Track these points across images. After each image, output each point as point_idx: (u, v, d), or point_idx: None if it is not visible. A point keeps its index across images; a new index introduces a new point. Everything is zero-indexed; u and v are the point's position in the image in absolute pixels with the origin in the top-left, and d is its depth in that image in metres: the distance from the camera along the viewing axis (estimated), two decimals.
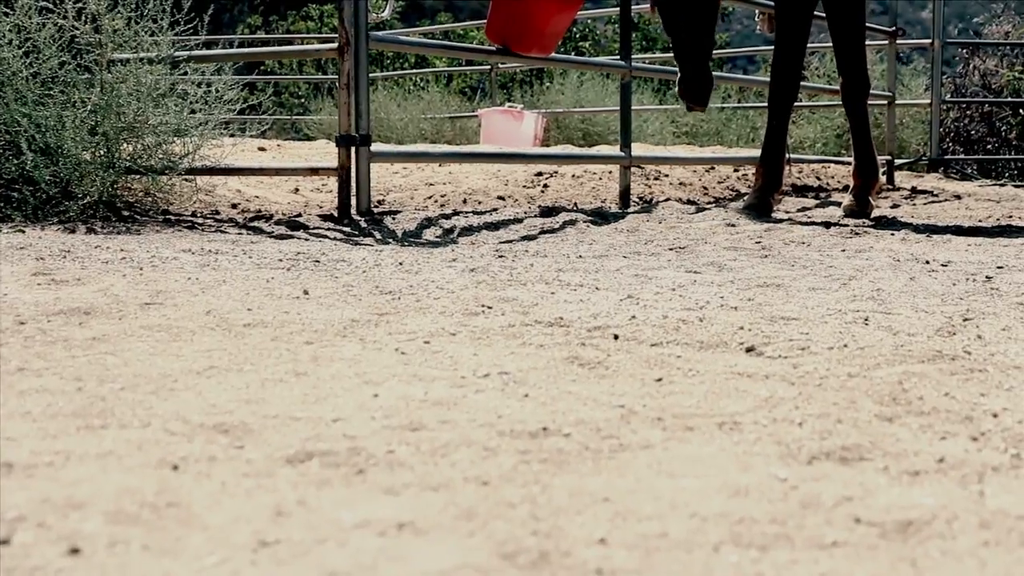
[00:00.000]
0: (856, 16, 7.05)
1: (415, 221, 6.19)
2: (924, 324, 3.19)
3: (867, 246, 5.26)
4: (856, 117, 7.05)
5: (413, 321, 3.22)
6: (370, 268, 4.29)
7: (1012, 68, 15.68)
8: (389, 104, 19.17)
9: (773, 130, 7.04)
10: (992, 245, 5.36)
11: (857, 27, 7.05)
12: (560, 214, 6.52)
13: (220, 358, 2.71)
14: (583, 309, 3.39)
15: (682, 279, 4.09)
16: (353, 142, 6.17)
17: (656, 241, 5.62)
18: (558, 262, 4.61)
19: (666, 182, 9.16)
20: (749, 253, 5.02)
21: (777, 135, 7.01)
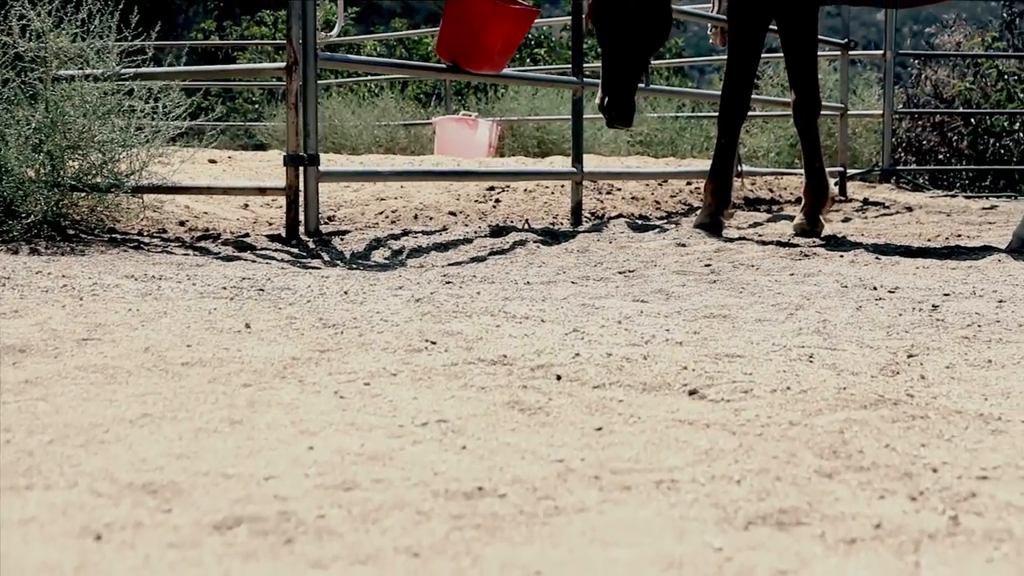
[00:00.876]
0: (809, 33, 7.05)
1: (364, 242, 6.14)
2: (868, 361, 3.17)
3: (816, 270, 5.26)
4: (807, 135, 7.06)
5: (355, 359, 3.18)
6: (315, 297, 4.24)
7: (963, 79, 15.78)
8: (343, 111, 19.08)
9: (722, 148, 7.04)
10: (940, 268, 5.36)
11: (810, 44, 7.05)
12: (510, 234, 6.49)
13: (155, 404, 2.66)
14: (527, 345, 3.36)
15: (629, 309, 4.06)
16: (301, 162, 6.12)
17: (605, 263, 5.60)
18: (505, 289, 4.58)
19: (618, 196, 9.15)
20: (698, 278, 5.01)
21: (726, 153, 7.01)
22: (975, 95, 15.78)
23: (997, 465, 2.21)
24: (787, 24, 7.08)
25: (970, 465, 2.21)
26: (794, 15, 7.02)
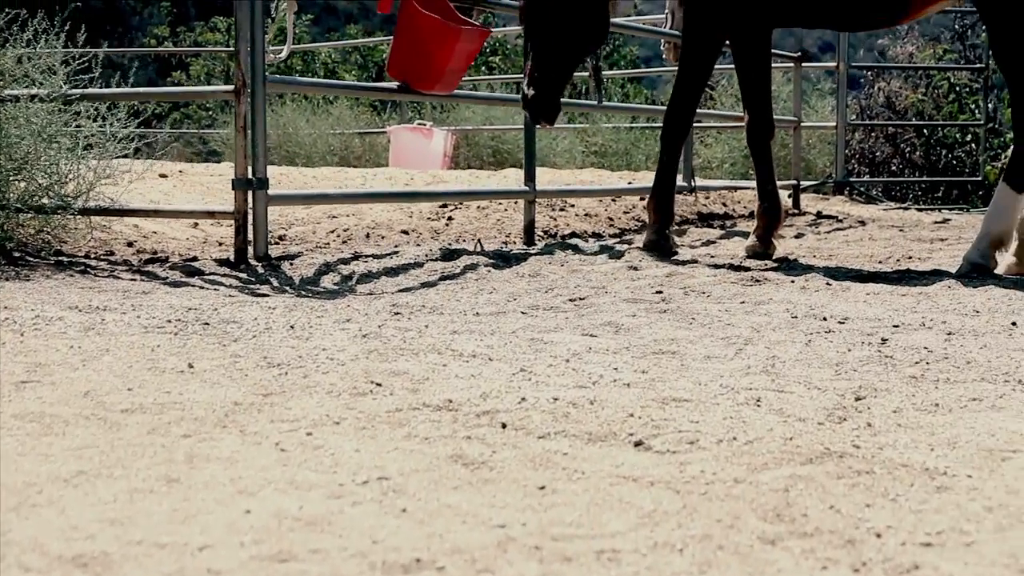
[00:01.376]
0: (763, 54, 7.04)
1: (313, 267, 6.09)
2: (816, 405, 3.16)
3: (766, 297, 5.24)
4: (761, 156, 7.05)
5: (298, 404, 3.14)
6: (260, 332, 4.19)
7: (916, 90, 15.86)
8: (297, 119, 18.99)
9: (664, 166, 7.02)
10: (891, 295, 5.36)
11: (764, 65, 7.05)
12: (461, 257, 6.45)
13: (91, 459, 2.61)
14: (473, 388, 3.33)
15: (577, 345, 4.04)
16: (250, 186, 6.07)
17: (556, 289, 5.57)
18: (454, 321, 4.54)
19: (572, 213, 9.13)
20: (648, 307, 4.98)
21: (668, 170, 7.00)
22: (928, 106, 15.87)
23: (941, 530, 2.19)
24: (740, 45, 7.07)
25: (914, 529, 2.19)
26: (747, 37, 7.01)
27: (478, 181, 11.16)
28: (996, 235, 5.99)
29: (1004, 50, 5.99)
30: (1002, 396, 3.30)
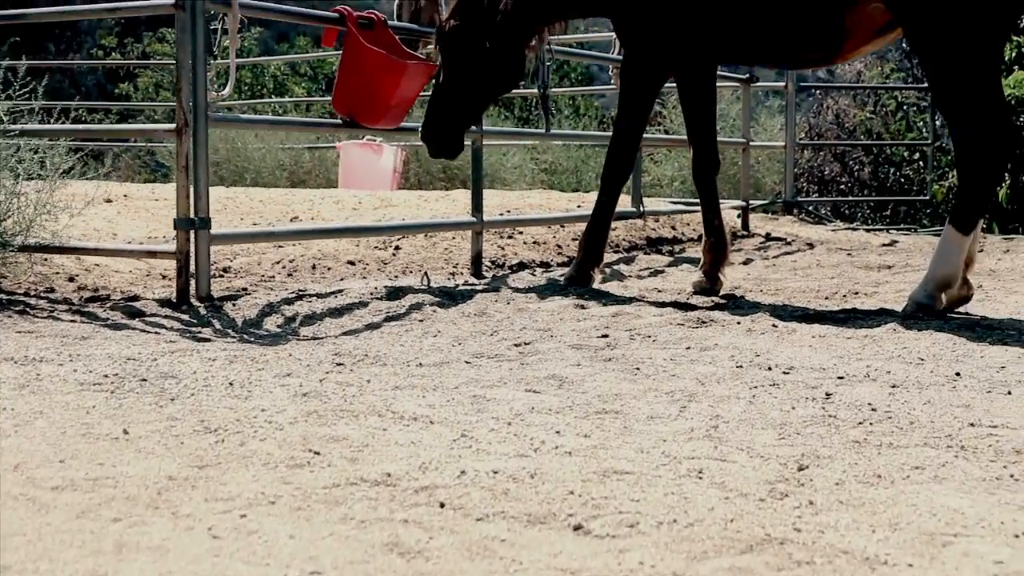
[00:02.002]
0: (708, 90, 7.03)
1: (256, 307, 6.02)
2: (758, 477, 3.13)
3: (711, 342, 5.22)
4: (706, 192, 7.04)
5: (233, 479, 3.08)
6: (199, 390, 4.13)
7: (864, 108, 15.96)
8: (246, 134, 18.88)
9: (601, 205, 7.01)
10: (836, 338, 5.35)
11: (709, 101, 7.04)
12: (406, 296, 6.39)
13: (15, 551, 2.55)
14: (413, 457, 3.28)
15: (520, 403, 3.99)
16: (192, 225, 6.00)
17: (502, 332, 5.54)
18: (397, 374, 4.49)
19: (520, 240, 9.10)
20: (593, 355, 4.95)
21: (605, 211, 6.99)
22: (876, 124, 15.96)
23: None
24: (684, 82, 7.06)
25: None
26: (691, 73, 7.00)
27: (426, 205, 11.10)
28: (942, 277, 5.99)
29: (941, 94, 6.01)
30: (944, 464, 3.28)
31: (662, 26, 6.70)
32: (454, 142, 7.07)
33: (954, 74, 5.85)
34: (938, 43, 5.87)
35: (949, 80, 5.88)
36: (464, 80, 6.96)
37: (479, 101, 7.18)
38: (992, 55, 5.89)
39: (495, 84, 7.20)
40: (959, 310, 6.15)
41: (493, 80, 7.13)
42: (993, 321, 5.83)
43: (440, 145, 7.01)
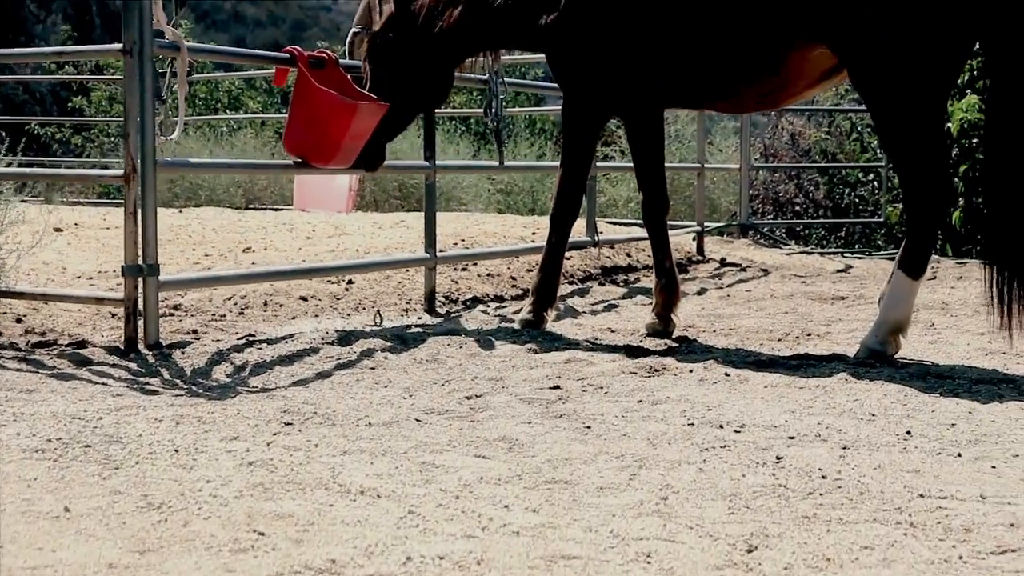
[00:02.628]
0: (655, 133, 7.01)
1: (206, 355, 5.96)
2: (707, 561, 3.11)
3: (663, 395, 5.20)
4: (657, 235, 7.02)
5: (176, 567, 3.03)
6: (143, 458, 4.07)
7: (819, 129, 16.02)
8: (201, 151, 18.80)
9: (552, 247, 6.99)
10: (788, 388, 5.35)
11: (657, 144, 7.01)
12: (358, 340, 6.35)
13: None
14: (359, 539, 3.24)
15: (469, 472, 3.96)
16: (140, 272, 5.93)
17: (453, 382, 5.51)
18: (346, 435, 4.44)
19: (474, 273, 9.06)
20: (545, 410, 4.92)
21: (556, 252, 6.97)
22: (831, 144, 16.02)
23: None
24: (629, 124, 7.04)
25: None
26: (635, 116, 6.98)
27: (381, 233, 11.06)
28: (894, 322, 6.01)
29: (887, 141, 6.03)
30: (893, 544, 3.27)
31: (596, 67, 6.69)
32: (373, 155, 7.05)
33: (899, 122, 5.87)
34: (883, 91, 5.89)
35: (894, 127, 5.90)
36: (389, 95, 6.96)
37: (401, 117, 7.20)
38: (938, 103, 5.90)
39: (419, 103, 7.25)
40: (911, 355, 6.15)
41: (418, 99, 7.17)
42: (944, 368, 5.83)
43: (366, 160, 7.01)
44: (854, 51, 5.91)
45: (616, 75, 6.66)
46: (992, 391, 5.32)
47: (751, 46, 6.16)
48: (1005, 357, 6.08)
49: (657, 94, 6.72)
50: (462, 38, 7.01)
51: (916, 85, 5.79)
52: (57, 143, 24.95)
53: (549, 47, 6.83)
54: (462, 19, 6.92)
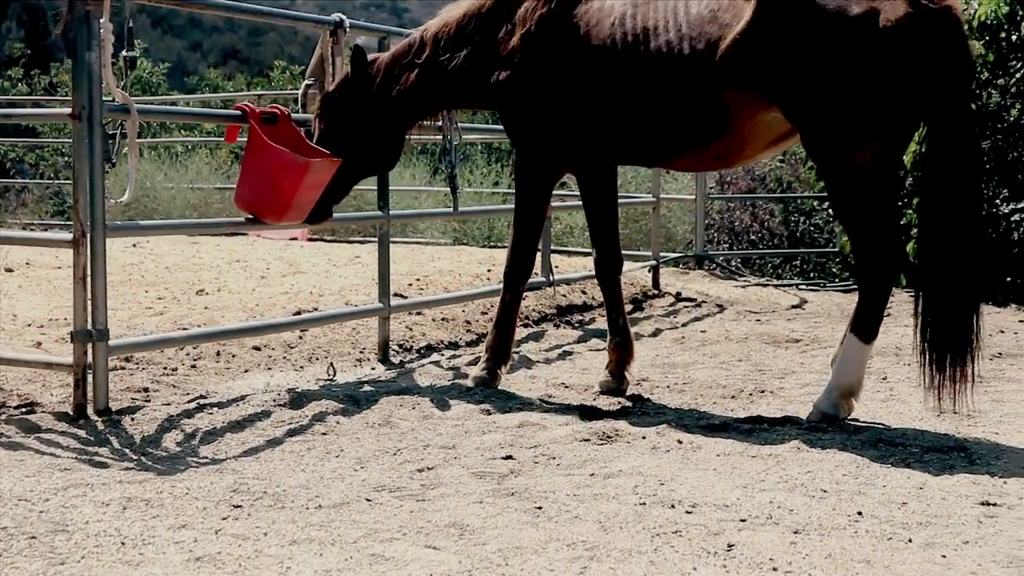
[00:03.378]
0: (609, 190, 7.00)
1: (156, 421, 5.90)
2: None
3: (616, 467, 5.18)
4: (610, 293, 7.00)
5: None
6: (89, 552, 4.01)
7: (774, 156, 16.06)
8: (155, 174, 18.68)
9: (506, 304, 6.95)
10: (741, 457, 5.34)
11: (610, 200, 7.00)
12: (310, 403, 6.30)
13: None
14: None
15: (419, 567, 3.93)
16: (90, 338, 5.88)
17: (405, 451, 5.48)
18: (295, 521, 4.40)
19: (428, 317, 9.03)
20: (497, 486, 4.89)
21: (510, 309, 6.94)
22: (786, 172, 16.08)
23: None
24: (584, 182, 7.02)
25: None
26: (590, 174, 6.97)
27: (335, 271, 11.04)
28: (846, 386, 6.03)
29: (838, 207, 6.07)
30: None
31: (546, 125, 6.70)
32: (321, 211, 7.02)
33: (849, 188, 5.91)
34: (833, 157, 5.92)
35: (844, 193, 5.94)
36: (341, 155, 6.94)
37: (352, 179, 7.19)
38: (888, 170, 5.92)
39: (372, 165, 7.24)
40: (864, 417, 6.17)
41: (371, 161, 7.15)
42: (896, 433, 5.84)
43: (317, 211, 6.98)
44: (805, 118, 5.93)
45: (565, 133, 6.66)
46: (943, 461, 5.34)
47: (694, 108, 6.17)
48: (957, 418, 6.09)
49: (607, 152, 6.72)
50: (418, 100, 7.01)
51: (865, 152, 5.82)
52: (11, 163, 24.74)
53: (501, 105, 6.83)
54: (419, 81, 6.92)
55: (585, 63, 6.47)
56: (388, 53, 7.22)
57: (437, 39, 6.98)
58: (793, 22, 5.85)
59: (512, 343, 7.03)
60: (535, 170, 6.82)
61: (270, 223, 6.85)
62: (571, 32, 6.55)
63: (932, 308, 5.81)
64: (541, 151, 6.76)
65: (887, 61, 5.72)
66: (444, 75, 6.91)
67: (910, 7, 5.70)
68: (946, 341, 5.78)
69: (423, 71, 6.95)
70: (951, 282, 5.77)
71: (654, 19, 6.30)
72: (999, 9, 12.13)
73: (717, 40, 6.07)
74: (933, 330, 5.81)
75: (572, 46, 6.53)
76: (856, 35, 5.73)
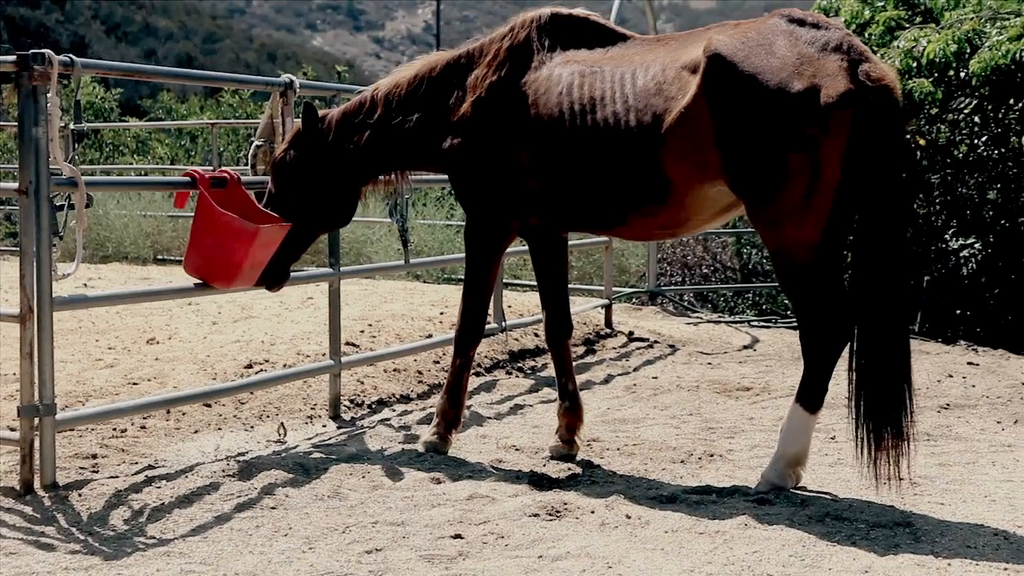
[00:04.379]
0: (560, 255, 7.03)
1: (103, 497, 5.85)
2: None
3: (564, 548, 5.17)
4: (560, 357, 7.01)
5: None
6: None
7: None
8: (107, 202, 18.58)
9: (458, 369, 6.95)
10: (689, 535, 5.36)
11: (560, 265, 7.02)
12: (259, 473, 6.28)
13: None
14: None
15: None
16: (36, 413, 5.85)
17: (354, 529, 5.47)
18: None
19: (380, 368, 9.02)
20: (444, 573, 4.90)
21: (461, 373, 6.94)
22: None
23: None
24: (533, 248, 7.05)
25: None
26: (538, 239, 7.00)
27: (288, 315, 11.02)
28: (791, 456, 6.09)
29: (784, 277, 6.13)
30: None
31: (493, 191, 6.74)
32: (276, 274, 7.01)
33: (793, 261, 5.96)
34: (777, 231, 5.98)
35: (788, 266, 6.00)
36: (293, 214, 6.94)
37: (305, 238, 7.16)
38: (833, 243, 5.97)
39: (324, 223, 7.24)
40: (812, 487, 6.22)
41: (324, 219, 7.16)
42: (843, 506, 5.88)
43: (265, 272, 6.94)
44: (749, 191, 5.98)
45: (514, 200, 6.69)
46: (888, 538, 5.37)
47: (639, 179, 6.21)
48: (903, 485, 6.13)
49: (555, 219, 6.74)
50: (371, 160, 7.03)
51: (808, 225, 5.88)
52: None
53: (451, 171, 6.85)
54: (371, 142, 6.94)
55: (534, 131, 6.51)
56: (338, 110, 7.22)
57: (389, 100, 7.00)
58: (737, 97, 5.90)
59: (463, 408, 7.03)
60: (485, 236, 6.83)
61: (220, 288, 6.83)
62: (520, 100, 6.58)
63: (865, 375, 5.92)
64: (490, 218, 6.78)
65: (828, 136, 5.79)
66: (396, 137, 6.93)
67: (851, 83, 5.78)
68: (881, 411, 5.89)
69: (375, 132, 6.97)
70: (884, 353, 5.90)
71: (601, 89, 6.35)
72: (947, 48, 12.28)
73: (663, 113, 6.12)
74: (867, 401, 5.92)
75: (521, 114, 6.56)
76: (798, 111, 5.79)
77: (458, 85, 6.83)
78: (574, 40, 6.69)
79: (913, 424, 5.94)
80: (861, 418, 5.97)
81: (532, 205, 6.68)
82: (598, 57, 6.55)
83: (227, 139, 23.95)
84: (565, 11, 6.81)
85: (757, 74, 5.87)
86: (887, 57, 12.71)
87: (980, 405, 8.54)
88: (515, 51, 6.72)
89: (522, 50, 6.72)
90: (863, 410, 5.96)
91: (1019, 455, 7.01)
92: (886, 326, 5.90)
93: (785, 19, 6.05)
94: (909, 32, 12.96)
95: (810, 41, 5.91)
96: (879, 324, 5.90)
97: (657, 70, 6.25)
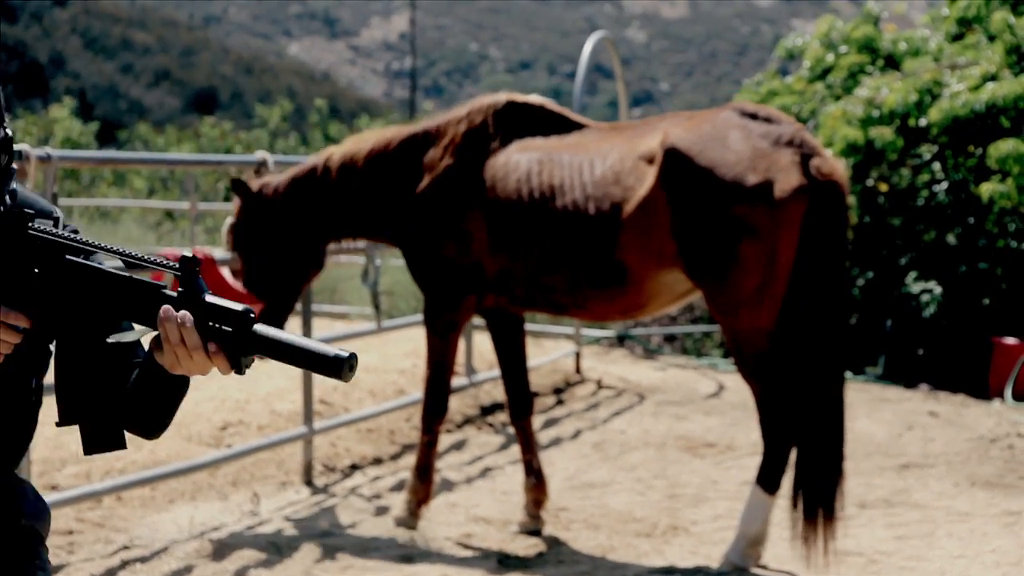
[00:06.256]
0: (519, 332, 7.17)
1: None
2: None
3: None
4: (523, 435, 7.15)
5: None
6: None
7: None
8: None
9: (425, 447, 7.07)
10: None
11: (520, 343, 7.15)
12: (232, 554, 6.42)
13: None
14: None
15: None
16: None
17: None
18: None
19: (353, 429, 9.17)
20: None
21: (429, 451, 7.06)
22: None
23: None
24: (491, 327, 7.22)
25: None
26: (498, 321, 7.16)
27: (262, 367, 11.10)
28: (752, 536, 6.28)
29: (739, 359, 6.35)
30: None
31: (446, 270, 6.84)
32: None
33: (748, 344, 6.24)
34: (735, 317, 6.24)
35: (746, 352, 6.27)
36: (263, 272, 7.06)
37: (286, 293, 7.18)
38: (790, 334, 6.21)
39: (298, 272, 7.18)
40: (772, 564, 6.41)
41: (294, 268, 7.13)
42: None
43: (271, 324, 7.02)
44: (705, 279, 6.21)
45: (471, 283, 6.82)
46: None
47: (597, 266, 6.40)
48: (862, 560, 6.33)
49: (512, 302, 6.85)
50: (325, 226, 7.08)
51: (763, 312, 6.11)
52: None
53: (407, 250, 6.94)
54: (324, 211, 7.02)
55: (491, 216, 6.64)
56: (284, 176, 7.19)
57: (344, 170, 7.02)
58: (694, 189, 6.12)
59: (432, 483, 7.11)
60: (442, 316, 6.92)
61: None
62: (478, 185, 6.70)
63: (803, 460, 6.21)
64: (447, 298, 6.87)
65: (782, 227, 6.02)
66: (349, 207, 7.01)
67: (803, 178, 6.02)
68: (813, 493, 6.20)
69: (329, 201, 7.02)
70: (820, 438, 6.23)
71: (559, 177, 6.51)
72: (907, 97, 12.57)
73: (621, 202, 6.31)
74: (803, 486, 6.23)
75: (478, 199, 6.70)
76: (754, 203, 6.01)
77: (414, 164, 6.91)
78: (530, 127, 6.84)
79: (843, 507, 6.28)
80: (797, 498, 6.23)
81: (489, 287, 6.80)
82: (555, 144, 6.70)
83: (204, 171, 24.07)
84: (521, 98, 6.94)
85: (713, 168, 6.09)
86: (849, 105, 12.99)
87: (939, 464, 8.74)
88: (472, 136, 6.84)
89: (479, 135, 6.84)
90: (799, 492, 6.22)
91: (974, 524, 7.21)
92: (822, 409, 6.18)
93: (737, 113, 6.30)
94: (872, 80, 13.25)
95: (763, 135, 6.15)
96: (815, 408, 6.18)
97: (615, 159, 6.44)
